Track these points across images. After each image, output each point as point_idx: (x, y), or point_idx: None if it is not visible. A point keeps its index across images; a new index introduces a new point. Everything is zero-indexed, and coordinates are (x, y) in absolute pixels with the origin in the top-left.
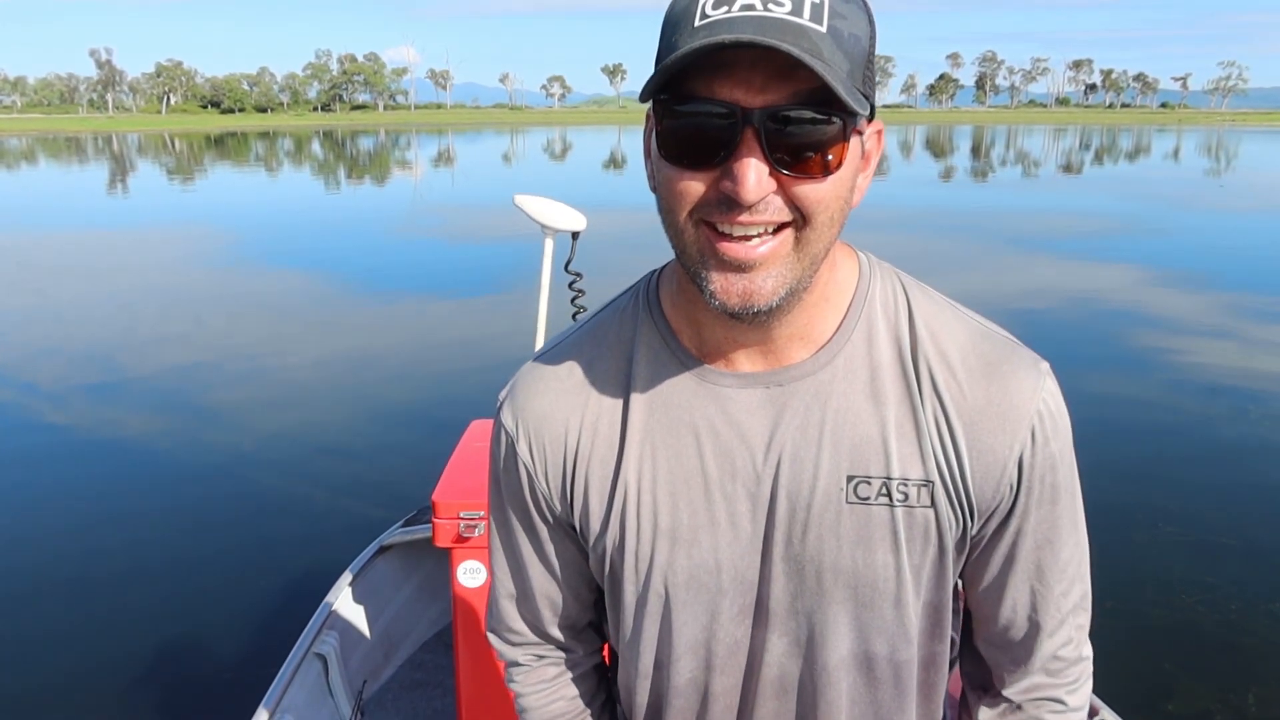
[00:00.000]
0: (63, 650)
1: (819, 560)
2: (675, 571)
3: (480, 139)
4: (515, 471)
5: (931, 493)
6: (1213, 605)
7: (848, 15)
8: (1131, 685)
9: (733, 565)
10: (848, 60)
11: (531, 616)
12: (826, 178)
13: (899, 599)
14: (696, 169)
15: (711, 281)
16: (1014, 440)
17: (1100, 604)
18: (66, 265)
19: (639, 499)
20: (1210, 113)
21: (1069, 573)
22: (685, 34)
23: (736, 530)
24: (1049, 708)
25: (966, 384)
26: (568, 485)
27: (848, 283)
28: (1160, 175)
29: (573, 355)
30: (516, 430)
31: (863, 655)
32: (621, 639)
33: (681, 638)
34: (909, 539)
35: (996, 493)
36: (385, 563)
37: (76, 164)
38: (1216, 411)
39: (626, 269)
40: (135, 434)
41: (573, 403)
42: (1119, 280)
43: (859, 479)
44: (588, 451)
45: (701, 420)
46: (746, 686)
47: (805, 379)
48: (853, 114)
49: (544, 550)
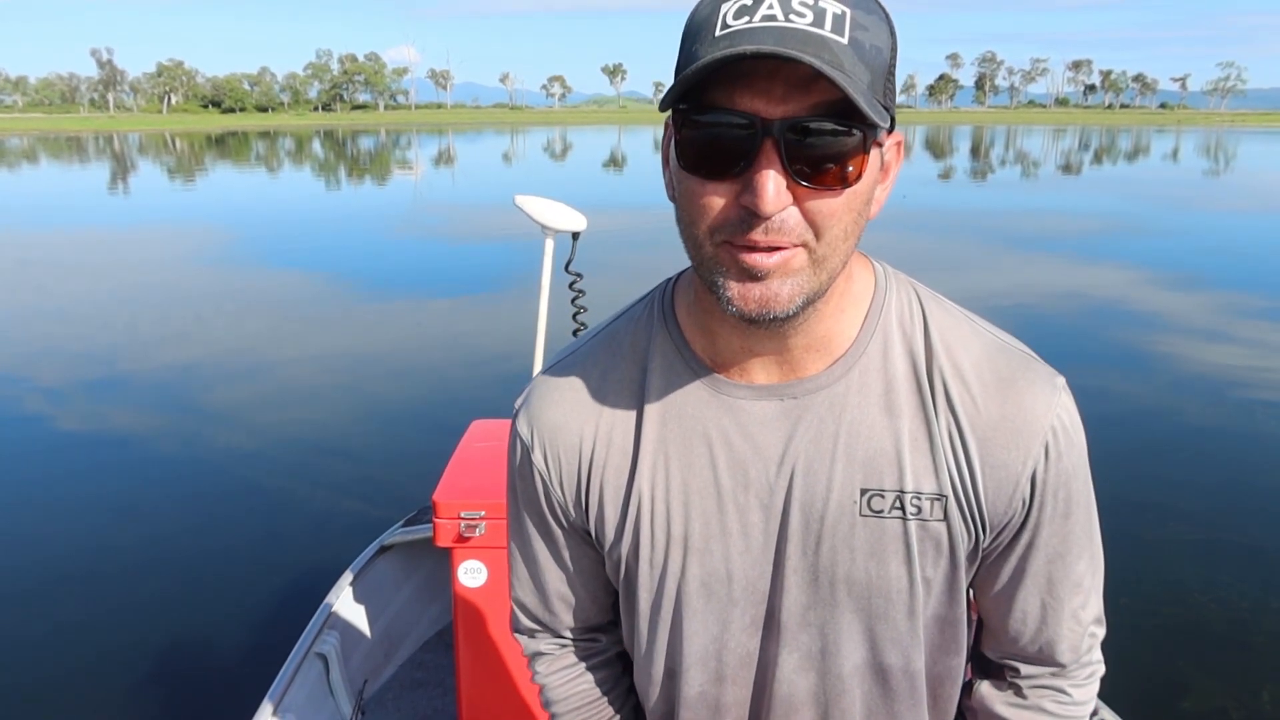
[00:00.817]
0: (65, 648)
1: (832, 572)
2: (688, 580)
3: (480, 139)
4: (531, 479)
5: (945, 506)
6: (1223, 604)
7: (869, 27)
8: (1138, 685)
9: (744, 575)
10: (869, 72)
11: (550, 617)
12: (845, 190)
13: (912, 610)
14: (715, 179)
15: (729, 289)
16: (1027, 456)
17: (1110, 603)
18: (68, 263)
19: (653, 508)
20: (1209, 113)
21: (1084, 586)
22: (706, 43)
23: (748, 541)
24: (1052, 696)
25: (981, 399)
26: (583, 494)
27: (864, 294)
28: (1159, 176)
29: (587, 364)
30: (532, 439)
31: (876, 666)
32: (637, 646)
33: (692, 646)
34: (921, 552)
35: (1009, 508)
36: (386, 562)
37: (78, 163)
38: (1221, 411)
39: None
40: (137, 433)
41: (587, 412)
42: (1121, 280)
43: (873, 492)
44: (602, 461)
45: (715, 431)
46: (758, 701)
47: (820, 392)
48: (873, 126)
49: (561, 555)
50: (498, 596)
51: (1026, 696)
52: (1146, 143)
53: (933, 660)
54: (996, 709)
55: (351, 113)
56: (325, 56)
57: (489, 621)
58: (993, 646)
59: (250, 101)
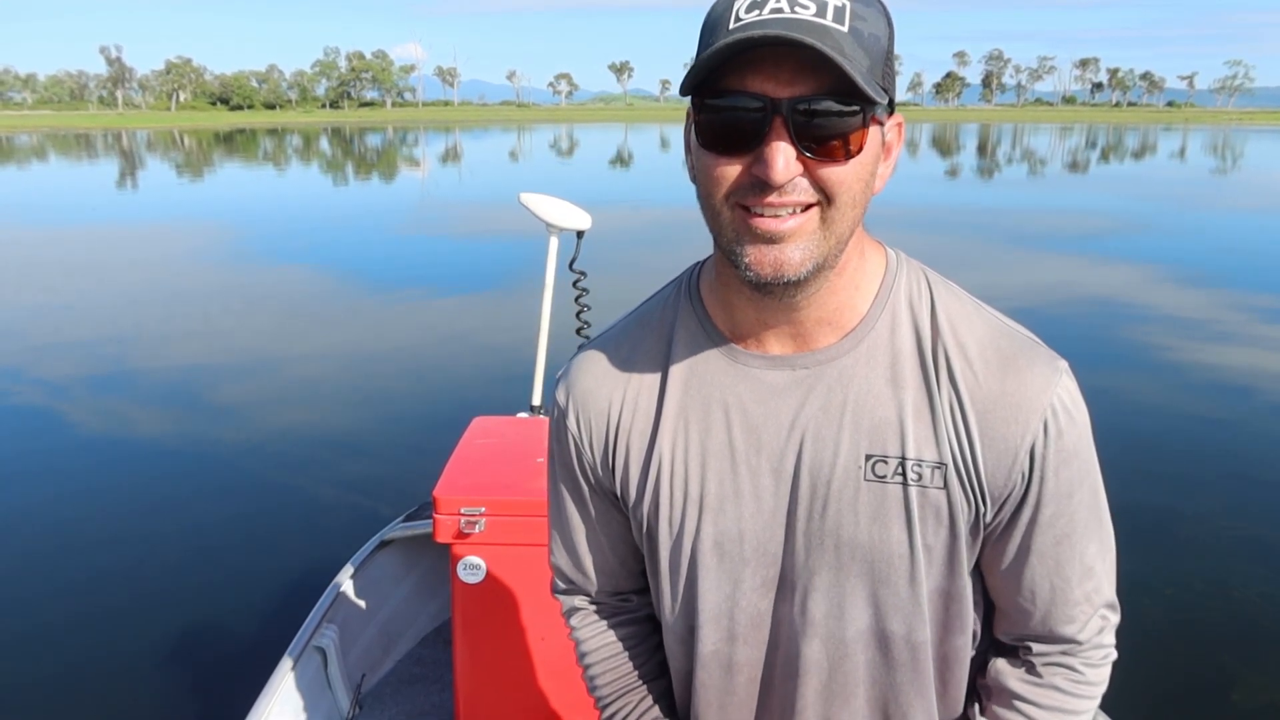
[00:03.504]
0: (65, 640)
1: (837, 535)
2: (702, 539)
3: (487, 136)
4: (566, 443)
5: (945, 475)
6: (1230, 604)
7: (867, 18)
8: (1144, 688)
9: (755, 535)
10: (868, 57)
11: (583, 579)
12: (848, 161)
13: (913, 577)
14: (731, 155)
15: (746, 254)
16: (1025, 430)
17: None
18: (76, 260)
19: (672, 468)
20: (1217, 111)
21: (1095, 570)
22: (721, 36)
23: (760, 502)
24: (1065, 674)
25: (982, 374)
26: (610, 454)
27: (875, 274)
28: (1167, 174)
29: (620, 339)
30: (566, 404)
31: (880, 633)
32: (661, 607)
33: (706, 604)
34: (921, 518)
35: (1008, 480)
36: (386, 557)
37: (87, 160)
38: (1229, 409)
39: (630, 268)
40: (140, 427)
41: (616, 380)
42: (1126, 278)
43: (876, 458)
44: (628, 424)
45: (732, 398)
46: (769, 660)
47: (830, 363)
48: (872, 103)
49: (591, 519)
50: (497, 593)
51: (1040, 673)
52: (1154, 141)
53: (938, 638)
54: (1009, 684)
55: (359, 110)
56: (333, 54)
57: (488, 618)
58: (1005, 629)
59: (258, 99)
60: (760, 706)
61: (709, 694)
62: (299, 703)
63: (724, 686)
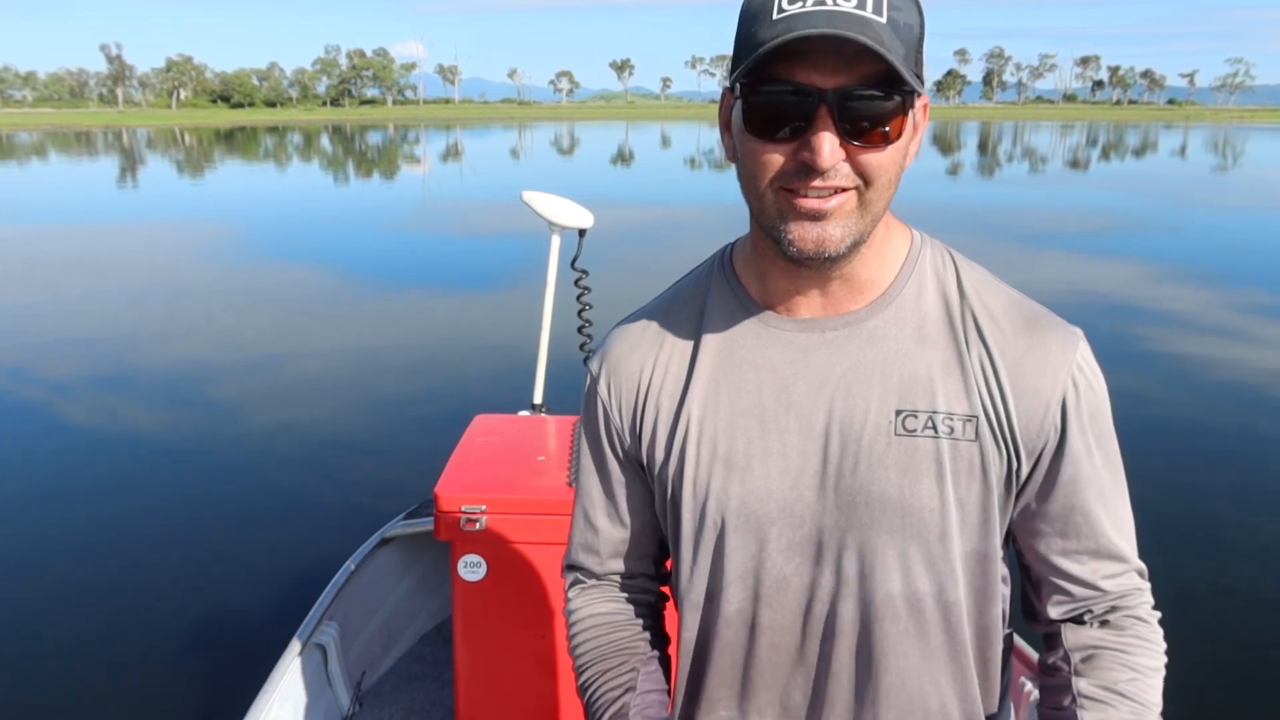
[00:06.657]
0: (67, 637)
1: (868, 491)
2: (729, 497)
3: (488, 134)
4: (594, 410)
5: (976, 427)
6: (1232, 604)
7: (902, 7)
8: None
9: (783, 495)
10: (904, 46)
11: (595, 559)
12: (887, 146)
13: (944, 533)
14: (777, 141)
15: (790, 232)
16: (1056, 383)
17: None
18: (76, 259)
19: (700, 428)
20: (1218, 109)
21: (1128, 528)
22: (765, 25)
23: (787, 461)
24: (1134, 626)
25: (1010, 333)
26: (638, 418)
27: (901, 248)
28: (1167, 172)
29: (654, 313)
30: (599, 372)
31: (911, 595)
32: (680, 572)
33: (731, 564)
34: (954, 471)
35: (1041, 431)
36: (386, 555)
37: (87, 158)
38: (1234, 408)
39: (634, 267)
40: (141, 425)
41: (649, 347)
42: (1128, 275)
43: (907, 413)
44: (659, 386)
45: (763, 359)
46: (795, 625)
47: (859, 324)
48: (910, 92)
49: (613, 490)
50: (498, 591)
51: (1119, 625)
52: (1155, 139)
53: (974, 605)
54: (1086, 639)
55: (360, 108)
56: (334, 52)
57: (488, 616)
58: (1057, 605)
59: (259, 97)
60: (786, 673)
61: (732, 653)
62: (299, 699)
63: (747, 647)
